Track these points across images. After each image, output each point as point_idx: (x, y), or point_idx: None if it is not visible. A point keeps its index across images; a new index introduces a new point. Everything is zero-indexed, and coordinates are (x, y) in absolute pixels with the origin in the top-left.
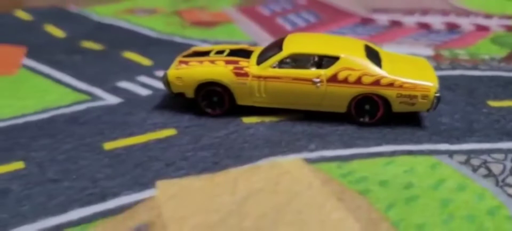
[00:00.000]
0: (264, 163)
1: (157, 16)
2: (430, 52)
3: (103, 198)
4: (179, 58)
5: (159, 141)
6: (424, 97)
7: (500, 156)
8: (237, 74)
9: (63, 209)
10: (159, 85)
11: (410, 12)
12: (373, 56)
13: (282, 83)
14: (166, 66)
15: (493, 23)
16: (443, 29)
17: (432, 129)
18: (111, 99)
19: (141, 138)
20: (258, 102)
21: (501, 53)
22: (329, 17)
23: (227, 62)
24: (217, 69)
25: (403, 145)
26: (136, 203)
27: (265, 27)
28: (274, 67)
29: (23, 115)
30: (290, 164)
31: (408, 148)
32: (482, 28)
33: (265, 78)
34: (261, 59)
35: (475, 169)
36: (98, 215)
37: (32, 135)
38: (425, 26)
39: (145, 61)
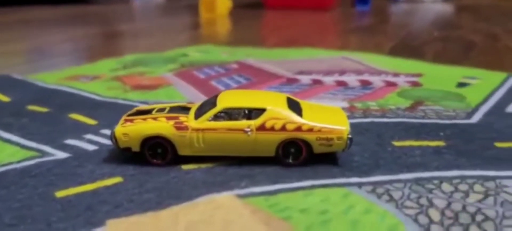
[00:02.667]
0: (201, 200)
1: (99, 81)
2: (345, 104)
3: None
4: (124, 117)
5: (107, 187)
6: (339, 138)
7: (400, 185)
8: (178, 128)
9: None
10: (105, 141)
11: (329, 73)
12: (295, 106)
13: (217, 134)
14: (111, 125)
15: (400, 80)
16: (358, 86)
17: (345, 166)
18: (60, 155)
19: (91, 186)
20: (197, 151)
21: (406, 104)
22: (258, 79)
23: (168, 118)
24: (160, 125)
25: (320, 180)
26: None
27: (201, 88)
28: (210, 120)
29: None
30: (224, 199)
31: (324, 182)
32: (391, 84)
33: (203, 130)
34: (198, 114)
35: (379, 196)
36: None
37: None
38: (342, 84)
39: (91, 121)
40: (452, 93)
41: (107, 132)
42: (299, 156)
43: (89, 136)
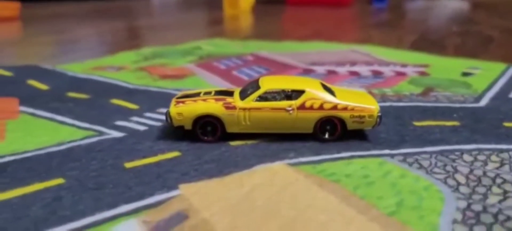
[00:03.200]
0: (258, 168)
1: (126, 72)
2: (364, 91)
3: (141, 197)
4: (174, 100)
5: (169, 160)
6: (370, 116)
7: (427, 156)
8: (227, 108)
9: (113, 205)
10: (152, 122)
11: (341, 64)
12: (328, 89)
13: (263, 113)
14: (152, 109)
15: (408, 70)
16: (370, 75)
17: (375, 142)
18: (116, 134)
19: (154, 159)
20: (244, 129)
21: (418, 90)
22: (277, 69)
23: (217, 100)
24: (210, 105)
25: (357, 152)
26: (168, 199)
27: (225, 77)
28: (255, 101)
29: (44, 148)
30: (278, 167)
31: (361, 154)
32: (400, 74)
33: (249, 109)
34: (243, 96)
35: (410, 164)
36: (142, 208)
37: (59, 161)
38: (355, 74)
39: (133, 106)
40: (458, 81)
41: (151, 115)
42: (334, 133)
43: (136, 119)
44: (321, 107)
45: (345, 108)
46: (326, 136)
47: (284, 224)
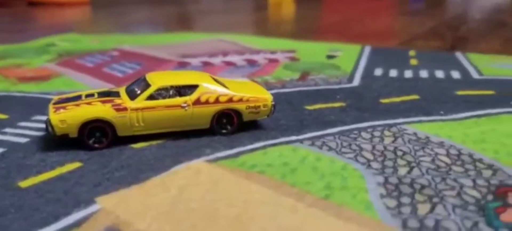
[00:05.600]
0: (178, 168)
1: None
2: (246, 80)
3: (56, 218)
4: (51, 105)
5: (71, 172)
6: (265, 106)
7: (330, 137)
8: (117, 110)
9: None
10: (31, 133)
11: (214, 54)
12: (219, 82)
13: (157, 111)
14: (25, 118)
15: (279, 56)
16: (245, 65)
17: (278, 129)
18: None
19: (52, 173)
20: (137, 130)
21: (295, 75)
22: (149, 64)
23: (104, 102)
24: (98, 108)
25: (267, 141)
26: (90, 215)
27: (96, 76)
28: (147, 100)
29: None
30: (199, 165)
31: (272, 142)
32: (273, 60)
33: (142, 109)
34: (132, 95)
35: (320, 147)
36: (62, 230)
37: None
38: (231, 64)
39: (0, 116)
40: (327, 64)
41: (26, 124)
42: (231, 126)
43: (10, 130)
44: (217, 101)
45: (240, 100)
46: (225, 130)
47: (231, 224)
